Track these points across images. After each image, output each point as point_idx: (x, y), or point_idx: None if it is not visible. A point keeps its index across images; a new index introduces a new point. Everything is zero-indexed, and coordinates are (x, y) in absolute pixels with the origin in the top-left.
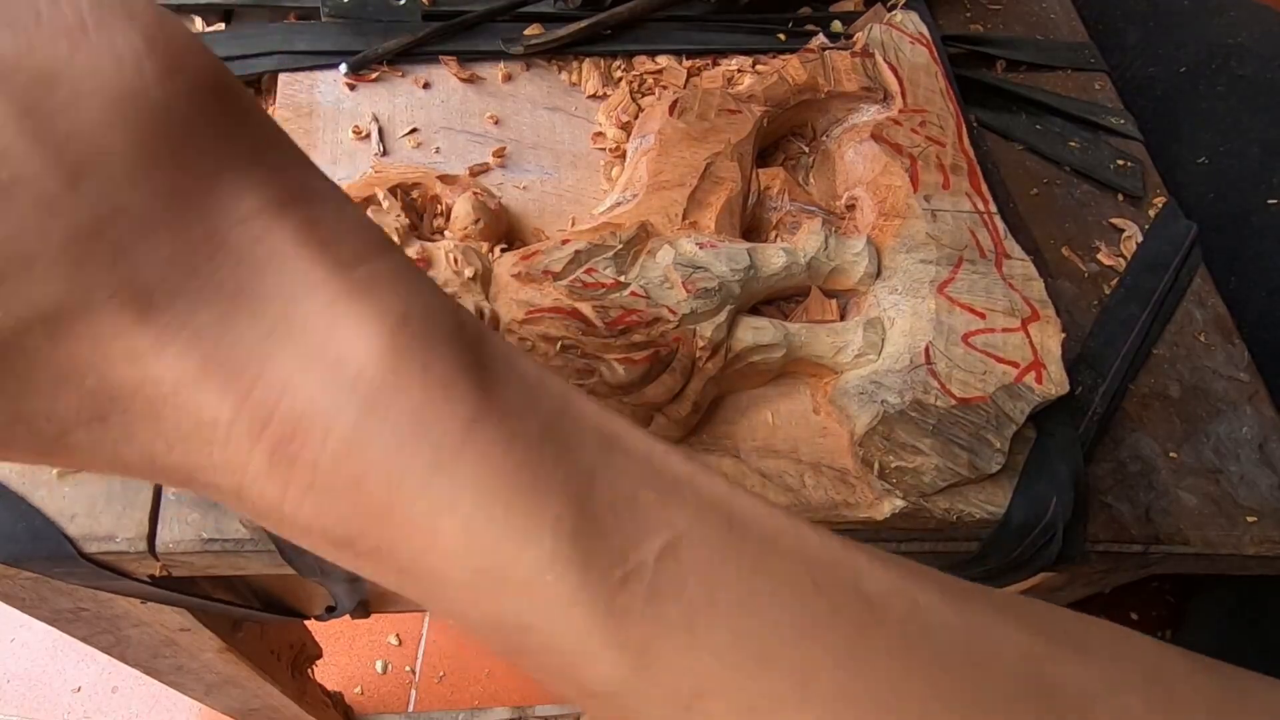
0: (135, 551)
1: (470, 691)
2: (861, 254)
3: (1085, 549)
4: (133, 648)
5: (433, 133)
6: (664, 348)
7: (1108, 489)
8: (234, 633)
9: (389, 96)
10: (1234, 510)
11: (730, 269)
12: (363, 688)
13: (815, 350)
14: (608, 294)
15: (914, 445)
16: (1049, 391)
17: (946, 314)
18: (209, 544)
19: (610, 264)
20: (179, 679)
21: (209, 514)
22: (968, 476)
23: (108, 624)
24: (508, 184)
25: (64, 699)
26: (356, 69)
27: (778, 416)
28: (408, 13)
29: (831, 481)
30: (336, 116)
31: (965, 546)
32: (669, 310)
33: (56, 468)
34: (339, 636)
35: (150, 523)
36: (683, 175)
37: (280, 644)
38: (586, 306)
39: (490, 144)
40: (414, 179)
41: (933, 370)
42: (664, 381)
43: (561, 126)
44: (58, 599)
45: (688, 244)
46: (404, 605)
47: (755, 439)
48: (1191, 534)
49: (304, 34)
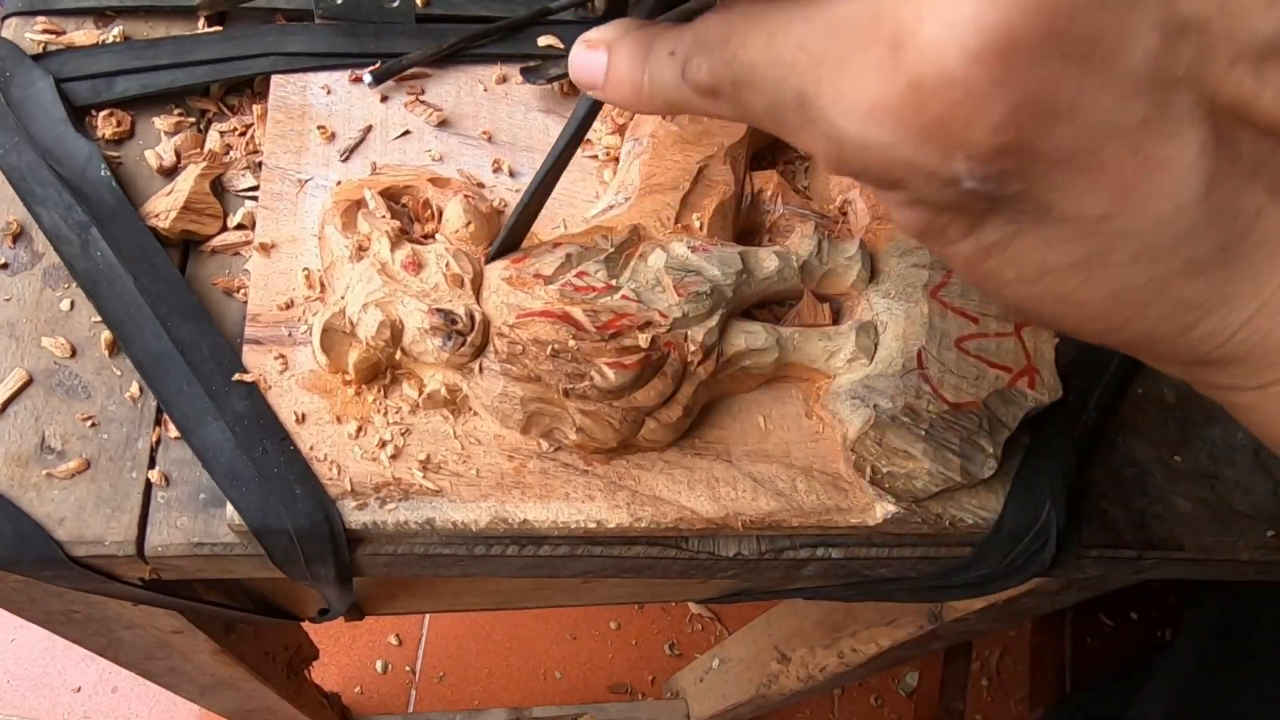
0: (124, 555)
1: (470, 692)
2: (854, 258)
3: (1079, 555)
4: (126, 650)
5: (426, 135)
6: (655, 352)
7: (1102, 494)
8: (227, 635)
9: (382, 98)
10: (1229, 515)
11: (723, 272)
12: (362, 688)
13: (808, 354)
14: (599, 298)
15: (906, 450)
16: (1042, 397)
17: (940, 318)
18: (198, 547)
19: (601, 267)
20: (173, 680)
21: (198, 518)
22: (960, 482)
23: (100, 626)
24: (500, 187)
25: (64, 699)
26: (381, 79)
27: (770, 420)
28: (401, 15)
29: (823, 486)
30: (329, 118)
31: (958, 552)
32: (660, 314)
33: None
34: (339, 637)
35: (139, 526)
36: (675, 178)
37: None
38: (577, 310)
39: (483, 146)
40: (405, 181)
41: (925, 375)
42: (655, 386)
43: (555, 129)
44: (49, 601)
45: (680, 247)
46: (398, 606)
47: (747, 443)
48: (1186, 539)
49: (297, 35)
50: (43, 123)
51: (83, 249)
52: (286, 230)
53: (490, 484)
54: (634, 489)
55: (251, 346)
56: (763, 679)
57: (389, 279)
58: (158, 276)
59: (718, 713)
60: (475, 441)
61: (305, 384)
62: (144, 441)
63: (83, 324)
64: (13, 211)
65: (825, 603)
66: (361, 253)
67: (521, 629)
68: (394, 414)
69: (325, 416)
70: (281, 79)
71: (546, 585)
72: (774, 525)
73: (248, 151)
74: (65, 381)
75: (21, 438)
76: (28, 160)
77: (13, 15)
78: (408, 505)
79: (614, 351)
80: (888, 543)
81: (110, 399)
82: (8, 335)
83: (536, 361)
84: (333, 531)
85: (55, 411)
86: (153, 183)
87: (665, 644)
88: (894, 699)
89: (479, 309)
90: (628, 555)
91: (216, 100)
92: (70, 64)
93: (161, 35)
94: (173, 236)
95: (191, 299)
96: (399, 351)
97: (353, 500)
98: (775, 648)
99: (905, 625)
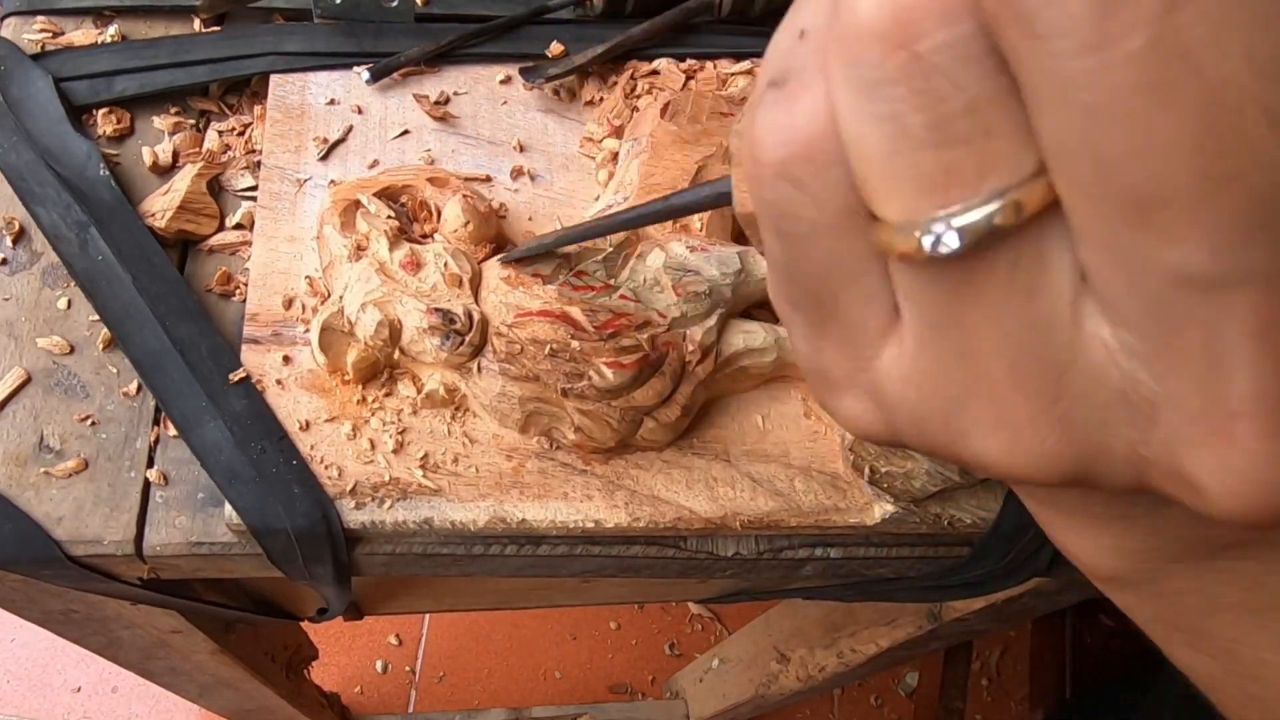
0: (123, 554)
1: (470, 691)
2: None
3: None
4: (125, 649)
5: (425, 134)
6: (654, 352)
7: None
8: (227, 634)
9: (381, 98)
10: None
11: (721, 272)
12: (362, 688)
13: None
14: (597, 297)
15: (904, 450)
16: None
17: None
18: (196, 547)
19: (600, 267)
20: (172, 680)
21: (196, 517)
22: (959, 482)
23: (99, 626)
24: (499, 186)
25: (64, 699)
26: (378, 76)
27: (768, 420)
28: (400, 14)
29: (822, 486)
30: (328, 118)
31: (956, 552)
32: (659, 314)
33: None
34: (339, 637)
35: (137, 525)
36: (674, 178)
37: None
38: (576, 310)
39: (482, 146)
40: (404, 181)
41: None
42: (653, 385)
43: (554, 128)
44: (48, 600)
45: (678, 247)
46: (397, 606)
47: (745, 443)
48: None
49: (295, 35)
50: (41, 122)
51: (81, 248)
52: (285, 230)
53: (489, 483)
54: (632, 489)
55: (250, 346)
56: (762, 679)
57: (387, 278)
58: (156, 276)
59: (717, 713)
60: (473, 441)
61: (304, 384)
62: (142, 441)
63: (81, 323)
64: (12, 210)
65: (824, 603)
66: (360, 252)
67: (521, 629)
68: (392, 414)
69: (324, 416)
70: (280, 79)
71: (545, 585)
72: (772, 525)
73: (246, 151)
74: (64, 381)
75: (20, 437)
76: (26, 159)
77: (11, 15)
78: (406, 505)
79: (612, 351)
80: (886, 542)
81: (109, 398)
82: (6, 334)
83: (535, 361)
84: (331, 531)
85: (54, 411)
86: (151, 182)
87: (665, 644)
88: (894, 699)
89: (477, 308)
90: (626, 555)
91: (215, 100)
92: (69, 63)
93: (160, 35)
94: (169, 236)
95: (190, 298)
96: (397, 351)
97: (351, 500)
98: (775, 648)
99: (904, 625)
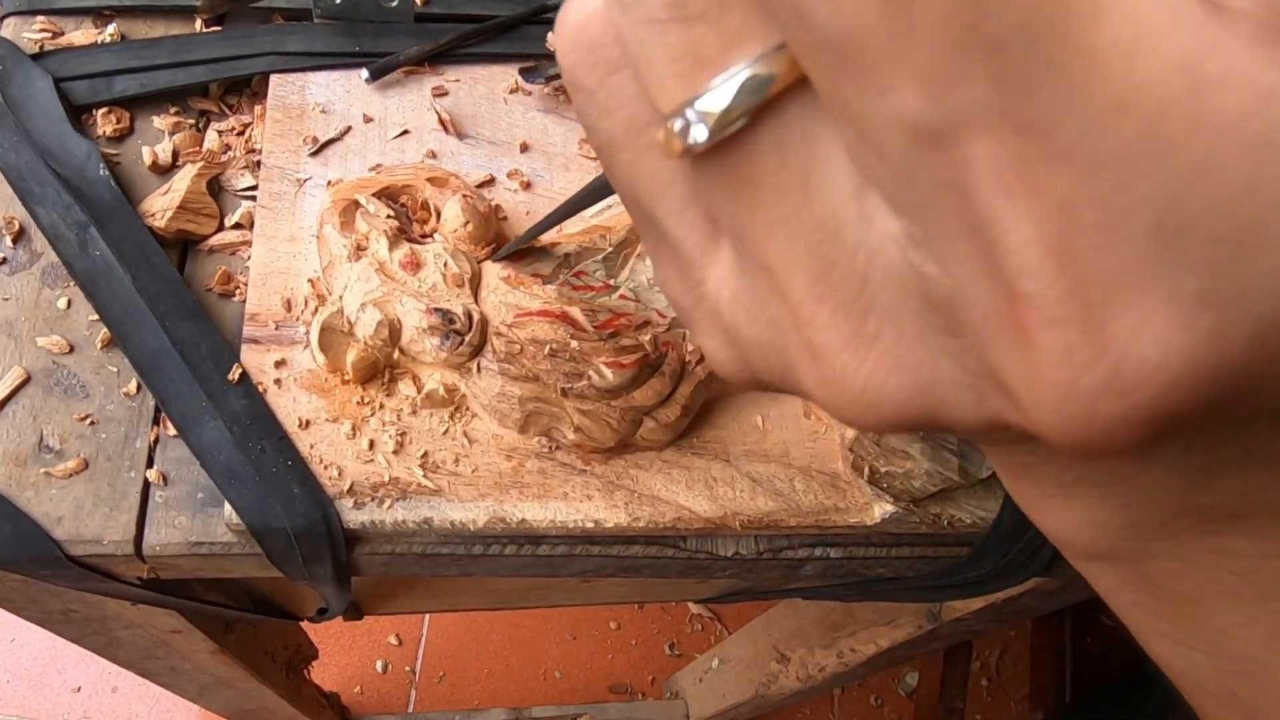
0: (122, 554)
1: (470, 692)
2: None
3: None
4: (124, 649)
5: (424, 134)
6: (653, 352)
7: None
8: (226, 634)
9: (381, 98)
10: None
11: None
12: (362, 687)
13: None
14: (597, 297)
15: (904, 450)
16: None
17: None
18: (196, 547)
19: (600, 267)
20: (172, 680)
21: (196, 517)
22: (958, 482)
23: (98, 625)
24: (499, 186)
25: (64, 699)
26: (378, 75)
27: (768, 420)
28: (400, 14)
29: (822, 486)
30: (328, 118)
31: (956, 552)
32: (659, 314)
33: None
34: (339, 637)
35: (137, 525)
36: None
37: (275, 645)
38: (576, 309)
39: (482, 146)
40: (404, 181)
41: None
42: (653, 385)
43: (554, 128)
44: (47, 600)
45: None
46: (397, 606)
47: (745, 443)
48: None
49: (295, 35)
50: (41, 122)
51: (81, 248)
52: (285, 230)
53: (488, 483)
54: (632, 488)
55: (250, 346)
56: (762, 679)
57: (387, 278)
58: (156, 276)
59: (717, 713)
60: (473, 441)
61: (304, 383)
62: (142, 441)
63: (81, 323)
64: (12, 210)
65: (824, 603)
66: (360, 252)
67: (521, 629)
68: (392, 413)
69: (323, 416)
70: (280, 78)
71: (545, 585)
72: (772, 525)
73: (246, 151)
74: (63, 380)
75: (20, 437)
76: (26, 159)
77: (11, 15)
78: (406, 504)
79: (612, 351)
80: (886, 542)
81: (108, 398)
82: (6, 334)
83: (534, 361)
84: (330, 531)
85: (53, 410)
86: (151, 182)
87: (665, 644)
88: (894, 699)
89: (477, 308)
90: (626, 555)
91: (215, 100)
92: (69, 63)
93: (160, 35)
94: (169, 236)
95: (190, 298)
96: (397, 351)
97: (351, 499)
98: (774, 648)
99: (904, 625)
